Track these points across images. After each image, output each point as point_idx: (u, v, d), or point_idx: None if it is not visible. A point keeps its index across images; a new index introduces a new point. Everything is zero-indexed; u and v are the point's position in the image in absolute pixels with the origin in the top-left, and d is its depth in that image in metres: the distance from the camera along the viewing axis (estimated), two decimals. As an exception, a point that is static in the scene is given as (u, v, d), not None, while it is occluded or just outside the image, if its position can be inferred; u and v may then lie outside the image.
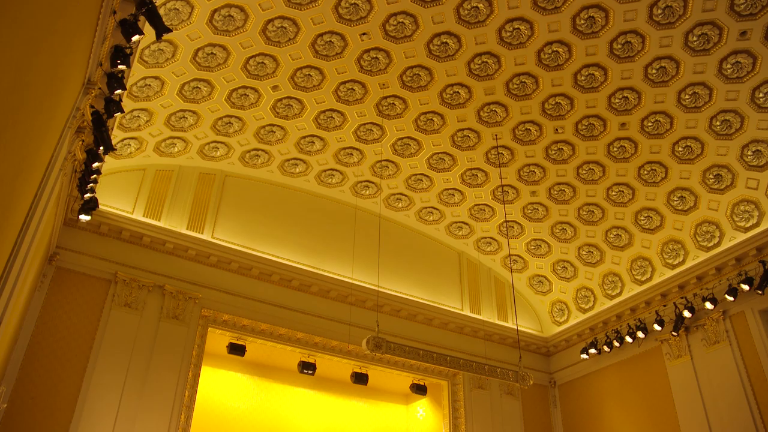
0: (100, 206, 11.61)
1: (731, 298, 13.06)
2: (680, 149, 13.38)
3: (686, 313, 13.91)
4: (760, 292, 12.59)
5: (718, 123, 12.61)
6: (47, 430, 10.76)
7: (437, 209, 16.62)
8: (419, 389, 16.40)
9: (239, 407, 15.59)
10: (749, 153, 12.70)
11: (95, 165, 10.22)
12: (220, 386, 15.45)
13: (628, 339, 15.39)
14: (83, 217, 11.29)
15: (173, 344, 12.61)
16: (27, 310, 11.10)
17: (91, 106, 8.91)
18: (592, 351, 16.24)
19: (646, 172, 14.08)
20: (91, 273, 12.37)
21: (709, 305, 13.48)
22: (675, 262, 14.74)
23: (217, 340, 14.16)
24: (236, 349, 14.11)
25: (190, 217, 13.98)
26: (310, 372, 14.86)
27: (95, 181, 10.73)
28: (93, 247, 12.58)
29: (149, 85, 12.10)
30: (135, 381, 11.83)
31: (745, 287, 12.84)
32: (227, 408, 15.38)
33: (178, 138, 13.73)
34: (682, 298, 14.36)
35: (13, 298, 7.66)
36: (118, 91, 8.94)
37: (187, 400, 12.40)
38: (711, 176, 13.40)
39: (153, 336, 12.44)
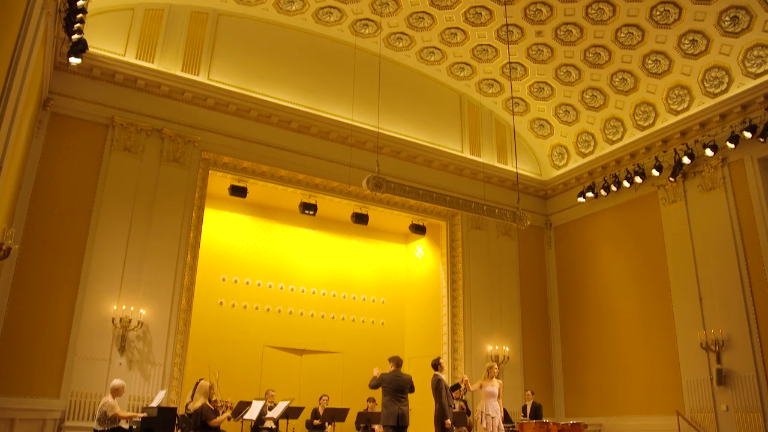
0: (89, 48, 11.21)
1: (732, 146, 13.02)
2: (697, -12, 12.63)
3: (685, 160, 13.94)
4: (762, 139, 12.50)
5: (741, -41, 11.80)
6: (61, 270, 11.22)
7: (439, 49, 16.06)
8: (418, 229, 16.86)
9: (243, 247, 16.14)
10: (770, -7, 12.01)
11: (80, 3, 9.74)
12: (223, 227, 15.88)
13: (626, 184, 15.55)
14: (73, 60, 10.97)
15: (175, 187, 12.76)
16: (27, 156, 11.10)
17: (69, -62, 8.31)
18: (589, 195, 16.49)
19: (658, 13, 13.38)
20: (87, 118, 12.21)
21: (709, 152, 13.47)
22: (679, 108, 14.50)
23: (219, 182, 14.33)
24: (238, 191, 14.35)
25: (185, 59, 13.53)
26: (311, 212, 15.22)
27: (82, 21, 10.27)
28: (87, 91, 12.30)
29: None
30: (140, 223, 12.10)
31: (748, 135, 12.74)
32: (231, 248, 15.93)
33: (167, -28, 12.95)
34: (683, 144, 14.30)
35: (11, 140, 7.65)
36: None
37: (192, 241, 12.78)
38: (727, 18, 12.72)
39: (155, 179, 12.56)
